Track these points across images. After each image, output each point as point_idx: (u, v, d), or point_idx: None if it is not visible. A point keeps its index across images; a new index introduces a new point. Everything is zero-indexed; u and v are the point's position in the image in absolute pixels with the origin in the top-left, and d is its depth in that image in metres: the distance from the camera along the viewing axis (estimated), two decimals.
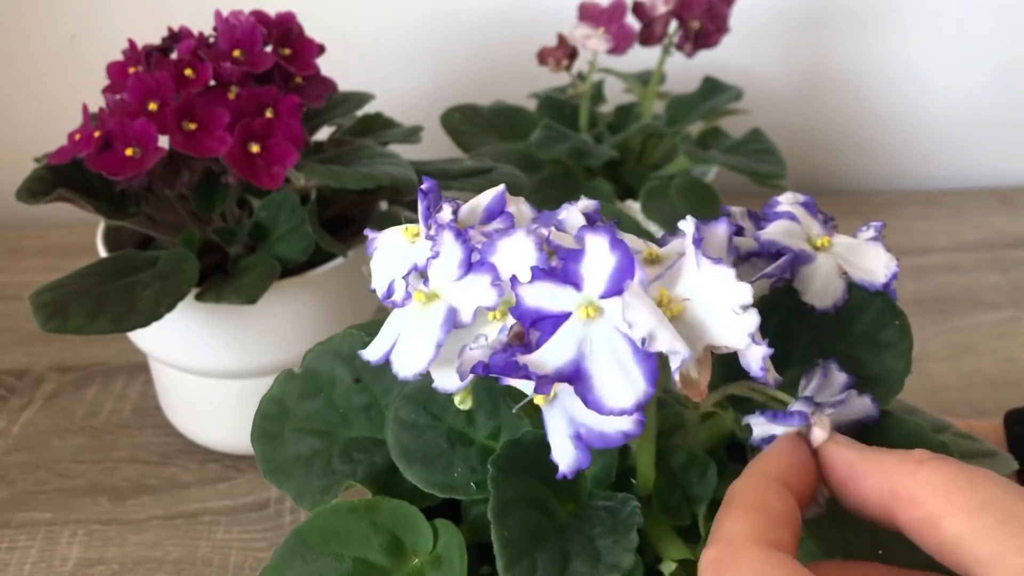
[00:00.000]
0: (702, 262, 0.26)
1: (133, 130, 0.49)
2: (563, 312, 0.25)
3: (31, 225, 0.87)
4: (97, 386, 0.67)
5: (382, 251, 0.31)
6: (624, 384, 0.24)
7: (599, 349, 0.24)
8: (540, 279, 0.25)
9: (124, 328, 0.46)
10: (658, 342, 0.24)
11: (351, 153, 0.56)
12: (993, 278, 0.81)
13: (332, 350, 0.35)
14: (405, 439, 0.31)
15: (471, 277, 0.27)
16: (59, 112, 0.69)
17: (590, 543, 0.28)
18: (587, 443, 0.25)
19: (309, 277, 0.53)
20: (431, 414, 0.32)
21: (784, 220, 0.32)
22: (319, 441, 0.34)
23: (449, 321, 0.27)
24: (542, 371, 0.24)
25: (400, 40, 0.88)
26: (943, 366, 0.69)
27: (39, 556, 0.53)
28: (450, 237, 0.28)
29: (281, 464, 0.34)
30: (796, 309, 0.31)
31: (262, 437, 0.34)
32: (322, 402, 0.35)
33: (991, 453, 0.36)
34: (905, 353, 0.31)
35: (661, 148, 0.76)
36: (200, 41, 0.53)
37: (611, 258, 0.25)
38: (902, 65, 0.93)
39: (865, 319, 0.32)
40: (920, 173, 0.99)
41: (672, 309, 0.25)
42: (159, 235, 0.56)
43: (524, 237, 0.27)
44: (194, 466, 0.60)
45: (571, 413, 0.26)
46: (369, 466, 0.33)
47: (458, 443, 0.32)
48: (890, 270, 0.31)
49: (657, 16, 0.69)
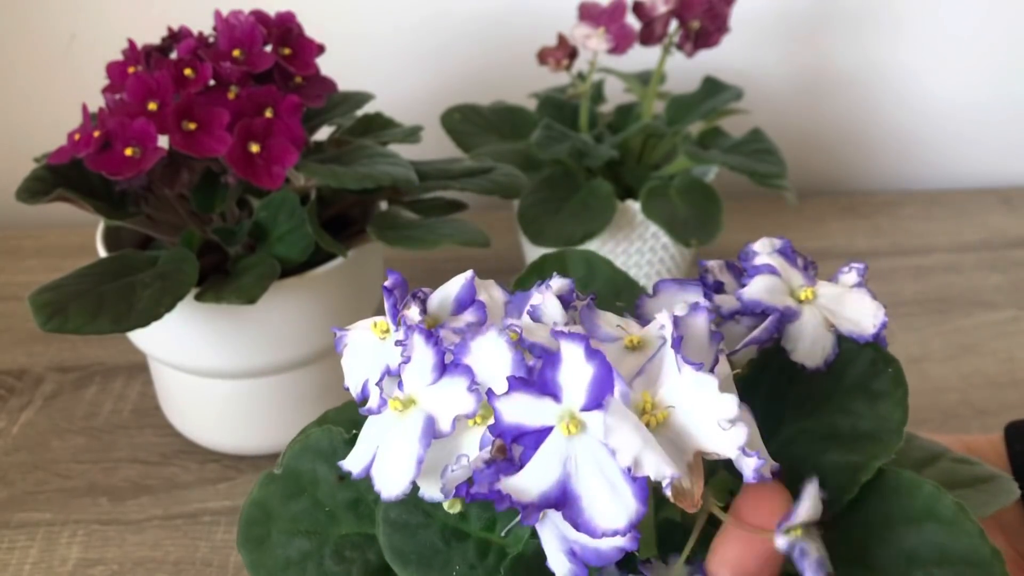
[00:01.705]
0: (683, 368, 0.25)
1: (133, 130, 0.49)
2: (544, 427, 0.24)
3: (31, 225, 0.87)
4: (97, 386, 0.67)
5: (352, 349, 0.30)
6: (614, 504, 0.23)
7: (585, 467, 0.23)
8: (517, 389, 0.24)
9: (124, 328, 0.46)
10: (645, 467, 0.22)
11: (351, 153, 0.56)
12: (993, 278, 0.81)
13: (311, 448, 0.34)
14: (398, 540, 0.30)
15: (446, 380, 0.26)
16: (59, 112, 0.69)
17: None
18: (582, 560, 0.24)
19: (309, 277, 0.53)
20: (422, 511, 0.31)
21: (765, 275, 0.31)
22: (308, 542, 0.33)
23: (428, 433, 0.26)
24: (526, 499, 0.23)
25: (400, 40, 0.88)
26: (943, 366, 0.69)
27: (39, 556, 0.53)
28: (420, 341, 0.27)
29: (272, 570, 0.32)
30: (786, 366, 0.30)
31: (248, 543, 0.33)
32: (307, 502, 0.34)
33: (991, 478, 0.35)
34: (901, 401, 0.30)
35: (661, 148, 0.75)
36: (200, 41, 0.53)
37: (588, 368, 0.24)
38: (902, 65, 0.93)
39: (856, 370, 0.31)
40: (920, 173, 0.99)
41: (657, 416, 0.24)
42: (159, 235, 0.56)
43: (496, 337, 0.26)
44: (194, 466, 0.60)
45: (563, 531, 0.25)
46: (363, 564, 0.32)
47: (453, 539, 0.30)
48: (878, 320, 0.30)
49: (657, 16, 0.69)
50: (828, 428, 0.30)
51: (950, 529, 0.28)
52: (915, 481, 0.28)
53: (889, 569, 0.28)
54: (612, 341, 0.27)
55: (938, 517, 0.28)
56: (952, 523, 0.28)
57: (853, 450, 0.29)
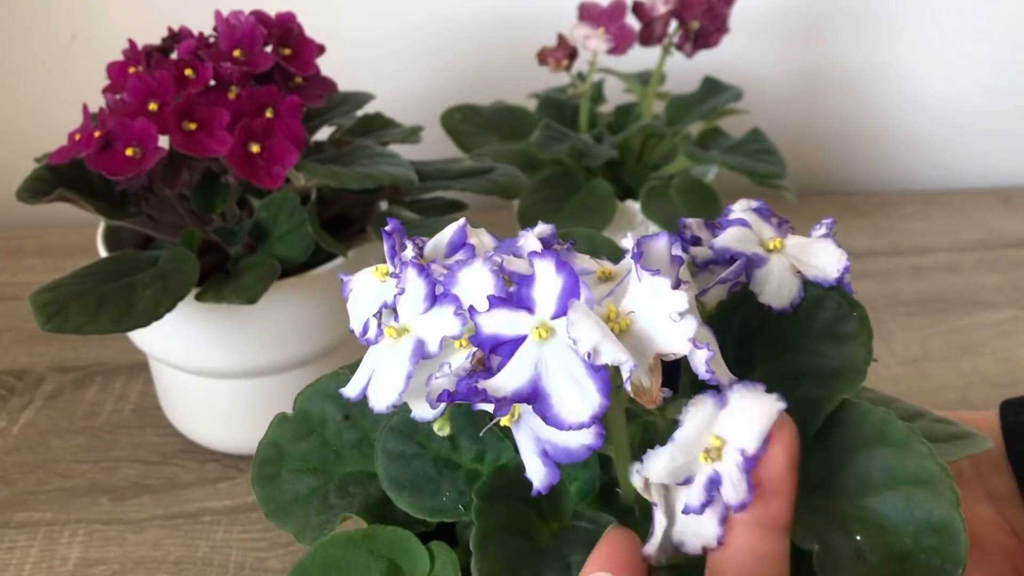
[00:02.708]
0: (642, 275, 0.27)
1: (133, 130, 0.49)
2: (519, 336, 0.26)
3: (31, 225, 0.87)
4: (97, 386, 0.67)
5: (356, 293, 0.32)
6: (580, 399, 0.25)
7: (554, 368, 0.25)
8: (497, 306, 0.26)
9: (124, 328, 0.46)
10: (603, 355, 0.25)
11: (351, 153, 0.56)
12: (993, 278, 0.81)
13: (321, 391, 0.36)
14: (393, 469, 0.33)
15: (436, 309, 0.28)
16: (59, 112, 0.69)
17: (566, 571, 0.29)
18: (554, 459, 0.26)
19: (309, 277, 0.53)
20: (417, 443, 0.33)
21: (736, 227, 0.33)
22: (315, 479, 0.35)
23: (417, 353, 0.28)
24: (500, 394, 0.25)
25: (400, 40, 0.88)
26: (943, 366, 0.69)
27: (39, 556, 0.54)
28: (413, 273, 0.29)
29: (281, 504, 0.35)
30: (756, 311, 0.32)
31: (261, 480, 0.35)
32: (316, 441, 0.36)
33: (967, 435, 0.36)
34: (866, 342, 0.31)
35: (661, 148, 0.76)
36: (200, 41, 0.53)
37: (558, 280, 0.26)
38: (902, 65, 0.93)
39: (824, 314, 0.32)
40: (919, 173, 0.99)
41: (620, 324, 0.26)
42: (159, 235, 0.56)
43: (481, 267, 0.28)
44: (194, 466, 0.60)
45: (535, 431, 0.27)
46: (364, 498, 0.34)
47: (445, 469, 0.33)
48: (841, 264, 0.32)
49: (657, 16, 0.69)
50: (797, 369, 0.32)
51: (900, 451, 0.29)
52: (869, 409, 0.30)
53: (846, 494, 0.30)
54: (587, 274, 0.29)
55: (888, 441, 0.29)
56: (902, 445, 0.29)
57: (820, 387, 0.31)
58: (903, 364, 0.68)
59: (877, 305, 0.76)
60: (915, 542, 0.28)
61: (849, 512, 0.29)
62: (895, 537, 0.28)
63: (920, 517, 0.28)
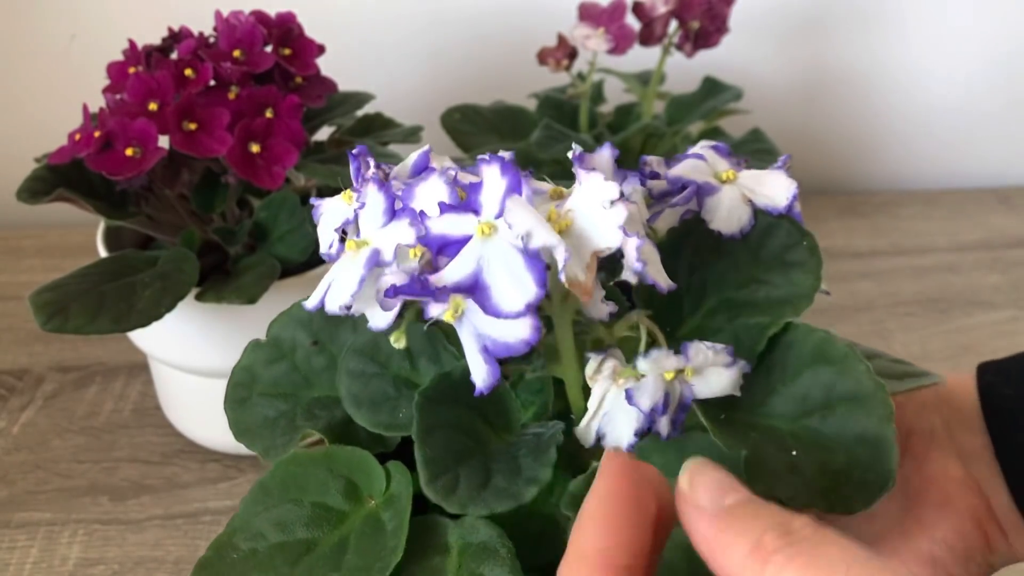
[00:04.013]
0: (580, 175, 0.28)
1: (133, 130, 0.49)
2: (465, 236, 0.27)
3: (31, 225, 0.87)
4: (97, 386, 0.67)
5: (325, 216, 0.33)
6: (516, 288, 0.26)
7: (494, 261, 0.27)
8: (446, 211, 0.28)
9: (124, 328, 0.46)
10: (535, 238, 0.26)
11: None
12: (993, 278, 0.81)
13: (293, 317, 0.38)
14: (355, 387, 0.34)
15: (395, 223, 0.29)
16: (59, 112, 0.69)
17: (513, 462, 0.30)
18: (494, 354, 0.27)
19: (309, 277, 0.53)
20: (378, 363, 0.34)
21: (691, 159, 0.34)
22: (284, 403, 0.36)
23: (372, 260, 0.29)
24: (441, 283, 0.27)
25: (400, 40, 0.88)
26: (943, 366, 0.69)
27: (39, 556, 0.54)
28: (374, 188, 0.30)
29: (250, 426, 0.36)
30: (707, 239, 0.33)
31: (233, 403, 0.37)
32: (286, 366, 0.37)
33: (920, 374, 0.37)
34: (814, 269, 0.32)
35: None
36: (200, 41, 0.53)
37: (502, 181, 0.27)
38: (902, 65, 0.93)
39: (774, 242, 0.33)
40: (920, 173, 0.99)
41: (560, 224, 0.27)
42: (159, 235, 0.56)
43: (436, 179, 0.29)
44: (194, 466, 0.60)
45: (476, 327, 0.28)
46: (328, 420, 0.35)
47: (403, 387, 0.34)
48: (790, 192, 0.33)
49: (657, 16, 0.69)
50: (746, 296, 0.33)
51: (838, 369, 0.30)
52: (810, 329, 0.31)
53: (784, 415, 0.30)
54: (539, 193, 0.30)
55: (828, 359, 0.30)
56: (840, 363, 0.30)
57: (766, 312, 0.32)
58: None
59: (877, 305, 0.76)
60: (848, 457, 0.29)
61: (787, 429, 0.30)
62: (829, 453, 0.29)
63: (854, 432, 0.29)
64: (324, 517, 0.32)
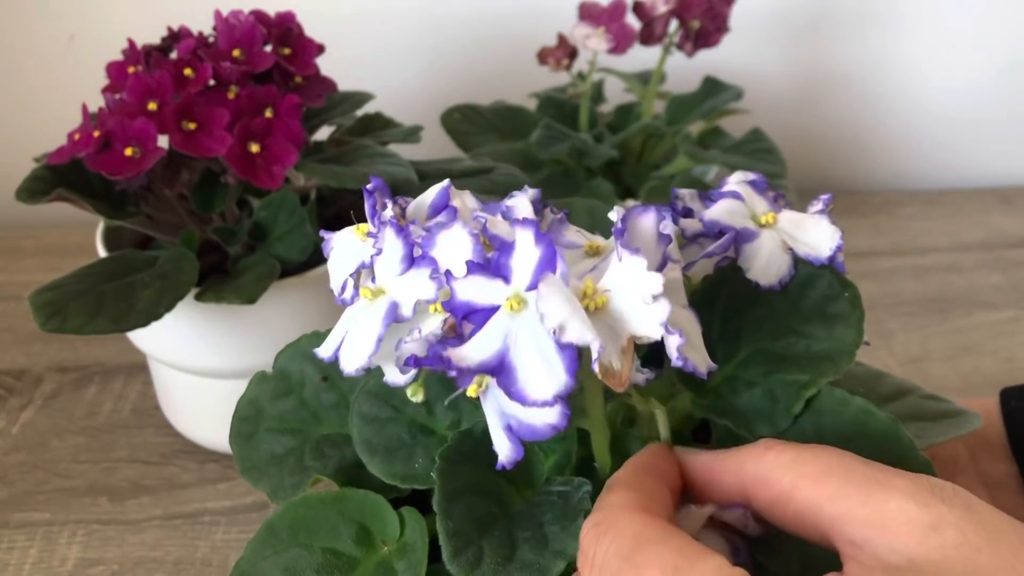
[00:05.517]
0: (622, 254, 0.26)
1: (133, 130, 0.49)
2: (492, 305, 0.25)
3: (31, 225, 0.87)
4: (96, 386, 0.67)
5: (337, 251, 0.32)
6: (546, 376, 0.24)
7: (523, 341, 0.24)
8: (474, 273, 0.26)
9: (123, 328, 0.46)
10: (568, 332, 0.24)
11: (351, 153, 0.56)
12: (993, 278, 0.81)
13: (301, 351, 0.36)
14: (368, 432, 0.32)
15: (413, 272, 0.28)
16: (59, 112, 0.69)
17: (539, 529, 0.28)
18: (519, 435, 0.26)
19: (309, 277, 0.53)
20: (392, 407, 0.33)
21: (728, 199, 0.32)
22: (292, 439, 0.35)
23: (390, 315, 0.27)
24: (464, 363, 0.24)
25: (400, 40, 0.88)
26: (943, 366, 0.69)
27: (38, 556, 0.53)
28: (391, 233, 0.28)
29: (256, 463, 0.35)
30: (743, 286, 0.31)
31: (239, 437, 0.35)
32: (294, 401, 0.36)
33: (957, 413, 0.35)
34: (856, 324, 0.30)
35: (661, 148, 0.75)
36: (200, 41, 0.53)
37: (535, 251, 0.25)
38: (902, 65, 0.93)
39: (815, 293, 0.31)
40: (920, 173, 0.99)
41: (596, 301, 0.25)
42: (159, 235, 0.56)
43: (461, 229, 0.27)
44: (193, 466, 0.60)
45: (501, 405, 0.26)
46: (339, 461, 0.34)
47: (419, 434, 0.32)
48: (835, 242, 0.31)
49: (657, 16, 0.69)
50: (784, 348, 0.31)
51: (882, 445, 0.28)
52: (846, 398, 0.29)
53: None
54: (574, 247, 0.29)
55: (868, 434, 0.28)
56: (883, 439, 0.28)
57: (805, 369, 0.30)
58: (903, 364, 0.68)
59: (877, 305, 0.76)
60: None
61: None
62: None
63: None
64: (335, 564, 0.30)
